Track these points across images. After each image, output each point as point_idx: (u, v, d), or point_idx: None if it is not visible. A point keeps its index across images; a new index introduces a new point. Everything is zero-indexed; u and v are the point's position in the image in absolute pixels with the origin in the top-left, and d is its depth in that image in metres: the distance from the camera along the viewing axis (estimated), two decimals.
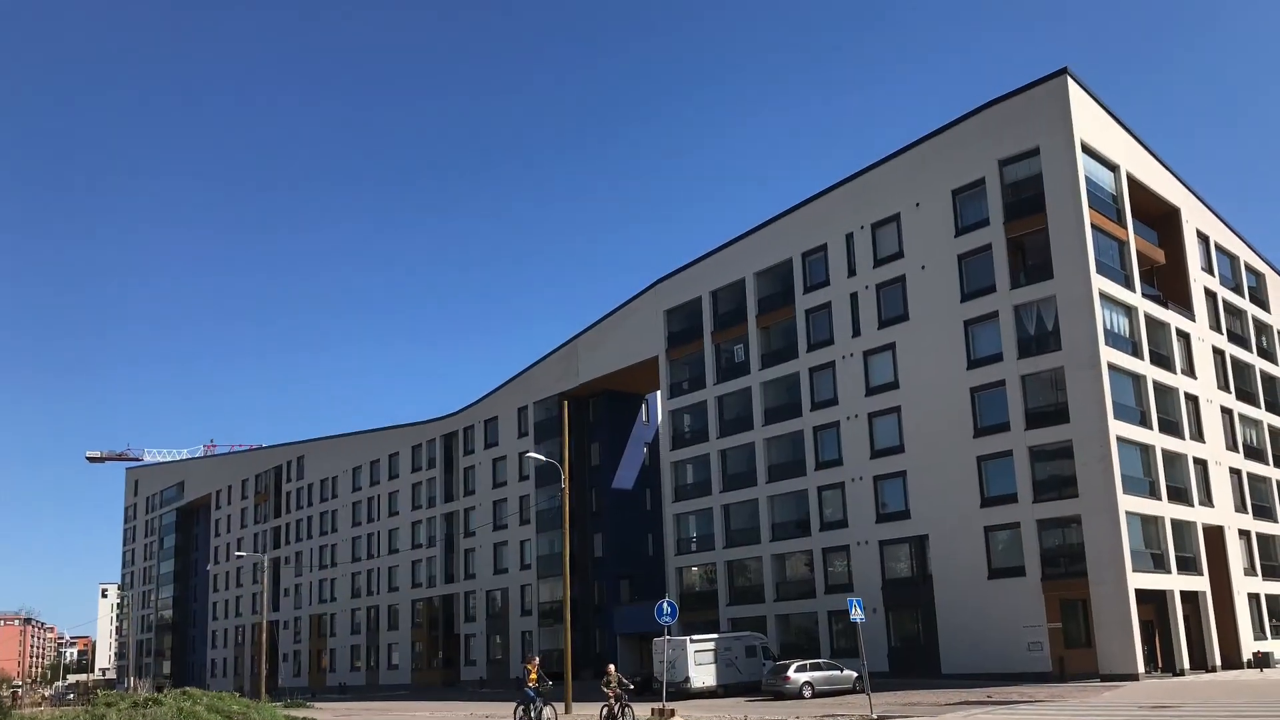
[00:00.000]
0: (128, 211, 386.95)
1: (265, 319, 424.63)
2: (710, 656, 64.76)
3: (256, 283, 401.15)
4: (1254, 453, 76.05)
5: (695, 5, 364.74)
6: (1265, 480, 76.63)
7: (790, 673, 59.34)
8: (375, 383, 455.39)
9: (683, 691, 62.10)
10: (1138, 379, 62.89)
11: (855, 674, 60.05)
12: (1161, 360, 65.65)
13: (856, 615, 51.87)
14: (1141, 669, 55.95)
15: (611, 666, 46.04)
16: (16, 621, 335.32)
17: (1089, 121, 63.50)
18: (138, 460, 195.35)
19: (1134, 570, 57.21)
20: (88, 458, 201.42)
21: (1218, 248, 76.80)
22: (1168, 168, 71.70)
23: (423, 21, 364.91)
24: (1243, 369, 77.48)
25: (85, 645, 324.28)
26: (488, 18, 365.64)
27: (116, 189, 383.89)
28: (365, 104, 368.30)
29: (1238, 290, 79.06)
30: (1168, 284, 71.08)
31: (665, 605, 50.68)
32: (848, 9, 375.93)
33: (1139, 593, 57.45)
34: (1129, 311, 63.53)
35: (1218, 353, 73.65)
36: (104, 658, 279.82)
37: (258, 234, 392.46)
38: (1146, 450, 62.10)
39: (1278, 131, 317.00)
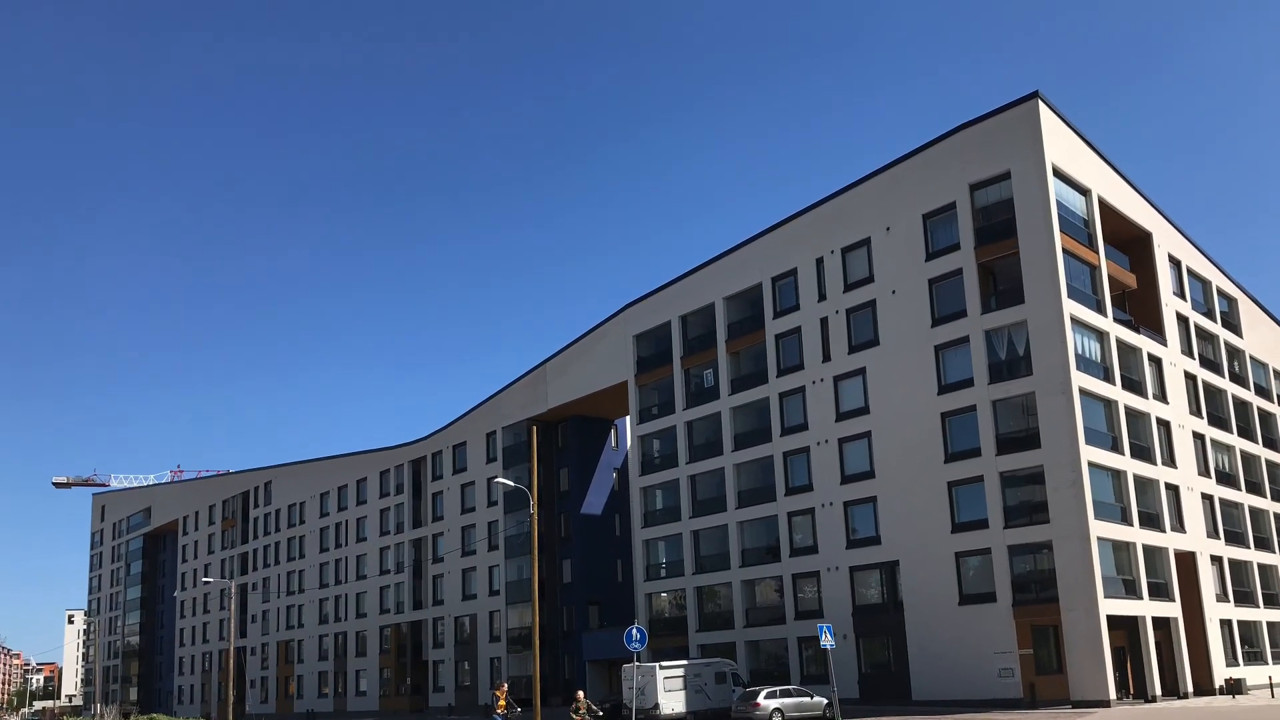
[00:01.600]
0: (93, 235, 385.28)
1: (232, 344, 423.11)
2: (680, 683, 64.06)
3: (224, 307, 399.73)
4: (1226, 478, 75.86)
5: (663, 31, 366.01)
6: (1237, 506, 76.43)
7: (760, 699, 58.87)
8: (343, 408, 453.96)
9: (652, 718, 61.45)
10: (1109, 404, 62.61)
11: (825, 700, 59.81)
12: (1133, 385, 65.44)
13: (826, 641, 51.66)
14: (1113, 695, 55.41)
15: (581, 693, 45.60)
16: None
17: (1060, 145, 63.35)
18: (104, 486, 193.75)
19: (1105, 596, 56.79)
20: (54, 483, 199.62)
21: (1190, 272, 76.75)
22: (1139, 192, 71.65)
23: (388, 50, 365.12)
24: (1215, 394, 77.37)
25: (51, 671, 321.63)
26: (455, 46, 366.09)
27: (83, 213, 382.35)
28: (332, 130, 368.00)
29: (1210, 315, 79.00)
30: (1139, 309, 70.99)
31: (635, 631, 50.58)
32: (818, 35, 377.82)
33: (1110, 619, 57.02)
34: (1100, 336, 63.28)
35: (1190, 378, 73.53)
36: (70, 684, 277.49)
37: (225, 259, 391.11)
38: (1118, 476, 61.78)
39: (1249, 156, 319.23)
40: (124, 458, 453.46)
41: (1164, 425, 68.14)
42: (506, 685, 48.61)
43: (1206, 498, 71.89)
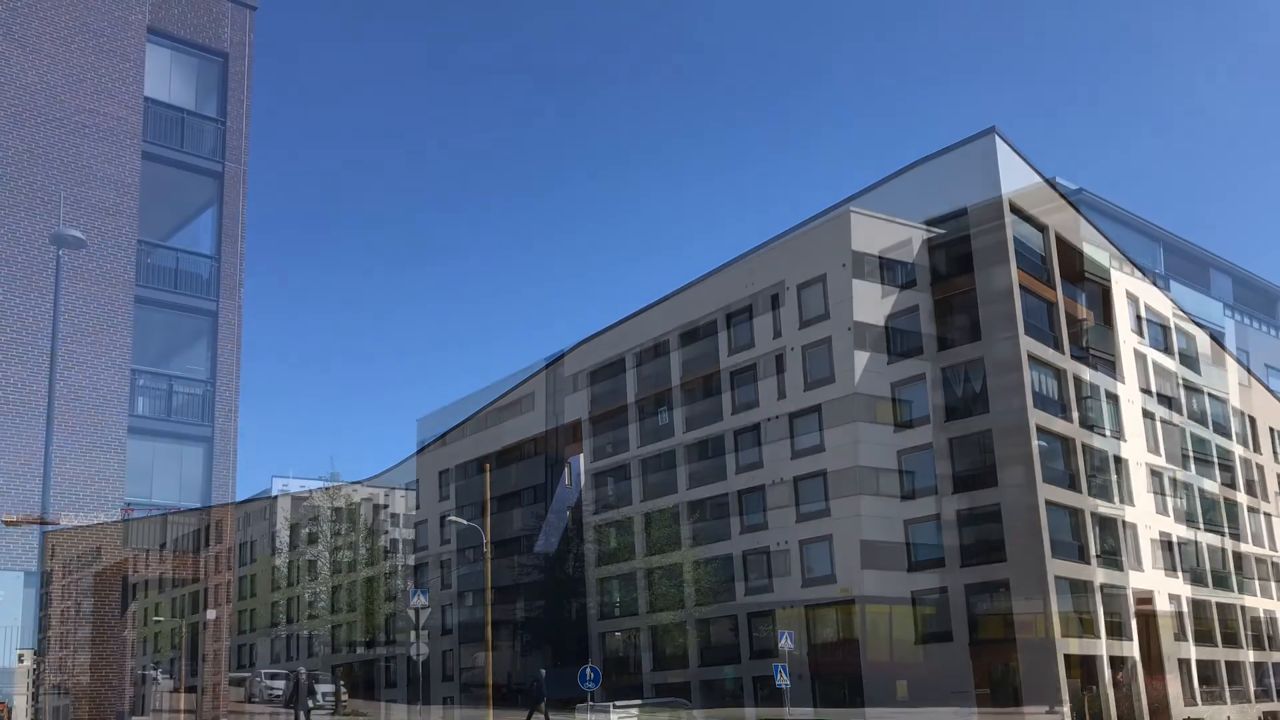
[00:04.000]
0: None
1: None
2: None
3: None
4: (1185, 516, 75.45)
5: (618, 68, 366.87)
6: (1196, 544, 75.99)
7: None
8: (295, 444, 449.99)
9: None
10: (1066, 441, 62.13)
11: None
12: (1091, 423, 65.02)
13: (782, 681, 50.94)
14: None
15: None
16: None
17: (1017, 181, 63.03)
18: (54, 524, 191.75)
19: (1063, 636, 56.24)
20: (4, 521, 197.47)
21: (1148, 309, 76.55)
22: (1097, 228, 71.41)
23: (343, 72, 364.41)
24: (1173, 432, 77.06)
25: (1, 711, 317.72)
26: (411, 69, 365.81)
27: None
28: (278, 155, 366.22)
29: (1168, 352, 78.78)
30: (1097, 346, 70.63)
31: (588, 671, 49.92)
32: (774, 71, 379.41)
33: (1068, 658, 56.49)
34: (1058, 373, 62.91)
35: (1148, 415, 73.17)
36: None
37: None
38: (1075, 514, 61.27)
39: (1208, 192, 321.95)
40: (74, 495, 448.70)
41: (1122, 463, 67.76)
42: None
43: (1165, 536, 71.48)
